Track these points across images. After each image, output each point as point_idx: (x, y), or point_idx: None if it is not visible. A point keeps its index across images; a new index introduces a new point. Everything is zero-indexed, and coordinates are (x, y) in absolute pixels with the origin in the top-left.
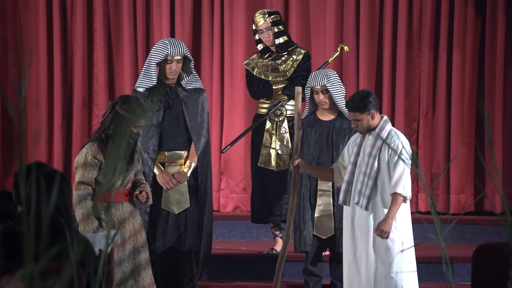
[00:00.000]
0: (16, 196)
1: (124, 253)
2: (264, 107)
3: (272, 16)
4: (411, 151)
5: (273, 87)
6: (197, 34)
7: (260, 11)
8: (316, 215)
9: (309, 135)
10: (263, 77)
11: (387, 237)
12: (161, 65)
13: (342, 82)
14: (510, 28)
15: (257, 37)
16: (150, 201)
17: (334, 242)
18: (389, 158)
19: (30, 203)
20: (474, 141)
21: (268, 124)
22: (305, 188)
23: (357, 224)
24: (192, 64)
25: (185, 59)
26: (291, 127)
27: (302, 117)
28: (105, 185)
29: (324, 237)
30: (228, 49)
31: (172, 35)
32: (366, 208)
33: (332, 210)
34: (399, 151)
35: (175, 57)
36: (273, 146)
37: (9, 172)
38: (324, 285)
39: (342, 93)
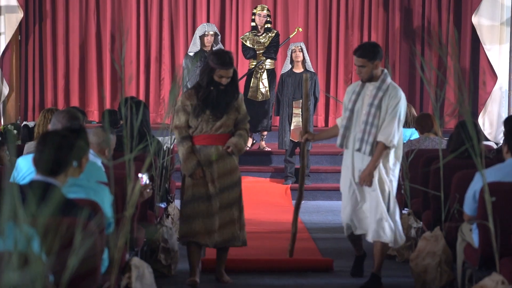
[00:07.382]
0: (119, 114)
1: (211, 190)
2: (253, 64)
3: (266, 10)
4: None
5: (257, 52)
6: (222, 23)
7: (261, 5)
8: (291, 128)
9: (288, 82)
10: (251, 46)
11: (369, 185)
12: (201, 38)
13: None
14: (402, 19)
15: (253, 17)
16: (234, 153)
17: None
18: (387, 107)
19: (127, 119)
20: None
21: (255, 73)
22: (285, 113)
23: (356, 168)
24: (219, 37)
25: (215, 35)
26: (268, 76)
27: (282, 72)
28: (196, 128)
29: (296, 141)
30: (234, 33)
31: (208, 21)
32: (370, 154)
33: (301, 125)
34: (397, 101)
35: (210, 32)
36: (257, 86)
37: (116, 99)
38: (296, 168)
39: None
